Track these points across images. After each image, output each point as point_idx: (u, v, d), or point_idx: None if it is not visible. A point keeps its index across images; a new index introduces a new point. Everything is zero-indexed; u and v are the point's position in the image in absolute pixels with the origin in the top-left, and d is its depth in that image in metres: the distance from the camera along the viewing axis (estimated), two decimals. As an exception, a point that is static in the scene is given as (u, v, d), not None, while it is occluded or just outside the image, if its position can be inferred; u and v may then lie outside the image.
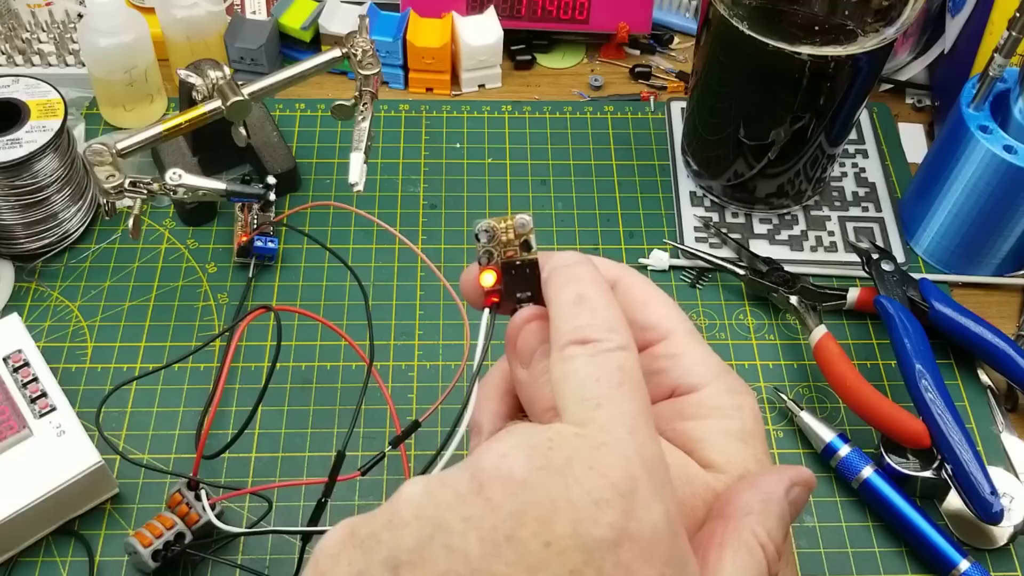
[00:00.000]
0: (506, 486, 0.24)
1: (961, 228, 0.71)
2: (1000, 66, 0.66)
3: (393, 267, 0.73)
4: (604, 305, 0.29)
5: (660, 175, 0.79)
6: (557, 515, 0.24)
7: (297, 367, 0.67)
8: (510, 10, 0.85)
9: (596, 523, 0.24)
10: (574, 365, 0.28)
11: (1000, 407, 0.67)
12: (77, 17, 0.84)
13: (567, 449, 0.25)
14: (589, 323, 0.29)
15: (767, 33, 0.64)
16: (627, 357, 0.28)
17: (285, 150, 0.76)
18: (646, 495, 0.25)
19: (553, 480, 0.24)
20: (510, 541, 0.23)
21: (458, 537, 0.24)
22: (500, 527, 0.24)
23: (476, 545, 0.24)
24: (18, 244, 0.70)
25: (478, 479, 0.25)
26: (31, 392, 0.59)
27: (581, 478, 0.24)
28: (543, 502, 0.24)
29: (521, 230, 0.32)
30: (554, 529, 0.24)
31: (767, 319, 0.71)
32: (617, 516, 0.24)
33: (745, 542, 0.27)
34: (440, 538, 0.24)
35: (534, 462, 0.25)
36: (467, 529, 0.24)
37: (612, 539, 0.24)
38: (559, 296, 0.30)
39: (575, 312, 0.29)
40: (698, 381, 0.32)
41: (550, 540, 0.23)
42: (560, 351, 0.29)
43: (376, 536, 0.25)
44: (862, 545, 0.61)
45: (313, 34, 0.84)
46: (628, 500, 0.24)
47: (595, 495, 0.24)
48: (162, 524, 0.56)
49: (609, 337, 0.28)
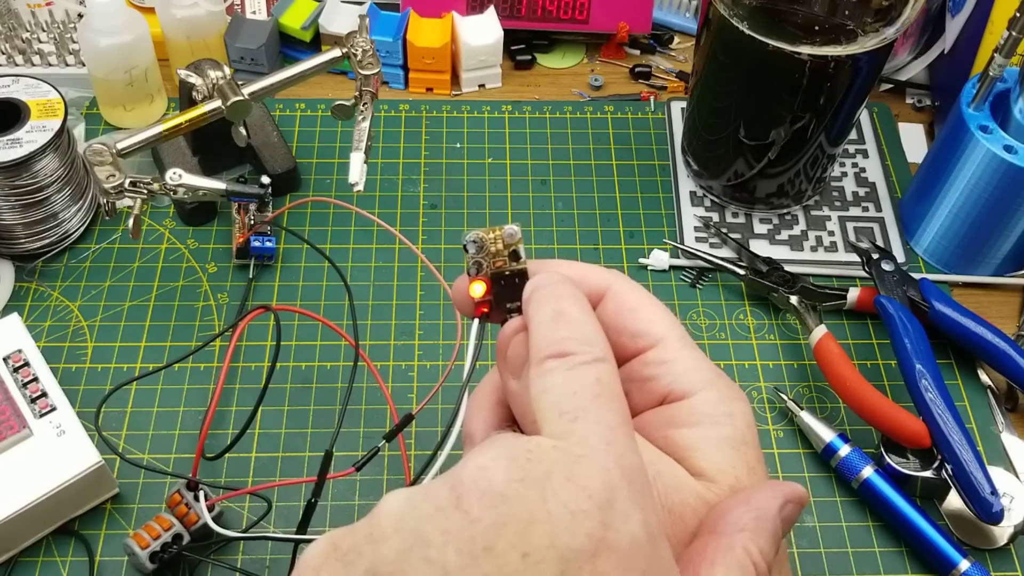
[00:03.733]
0: (484, 499, 0.24)
1: (961, 228, 0.71)
2: (1000, 66, 0.66)
3: (393, 267, 0.73)
4: (581, 320, 0.30)
5: (660, 175, 0.79)
6: (535, 527, 0.24)
7: (297, 367, 0.67)
8: (510, 10, 0.85)
9: (573, 534, 0.24)
10: (552, 379, 0.28)
11: (1000, 407, 0.67)
12: (77, 17, 0.84)
13: (546, 462, 0.25)
14: (567, 336, 0.29)
15: (767, 33, 0.64)
16: (605, 369, 0.28)
17: (285, 150, 0.76)
18: (625, 506, 0.25)
19: (531, 492, 0.24)
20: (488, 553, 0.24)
21: (436, 550, 0.24)
22: (478, 539, 0.24)
23: (454, 557, 0.24)
24: (18, 244, 0.70)
25: (457, 492, 0.25)
26: (31, 392, 0.59)
27: (559, 490, 0.25)
28: (521, 514, 0.24)
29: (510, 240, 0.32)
30: (531, 541, 0.24)
31: (767, 319, 0.71)
32: (594, 527, 0.24)
33: (737, 559, 0.27)
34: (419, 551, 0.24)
35: (513, 474, 0.25)
36: (446, 542, 0.24)
37: (590, 549, 0.24)
38: (538, 313, 0.30)
39: (553, 327, 0.29)
40: (689, 388, 0.32)
41: (527, 551, 0.24)
42: (538, 365, 0.29)
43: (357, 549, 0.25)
44: (862, 545, 0.61)
45: (313, 34, 0.84)
46: (606, 511, 0.24)
47: (572, 506, 0.24)
48: (160, 525, 0.56)
49: (586, 350, 0.28)
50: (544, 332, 0.29)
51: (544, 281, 0.31)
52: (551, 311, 0.30)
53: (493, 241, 0.33)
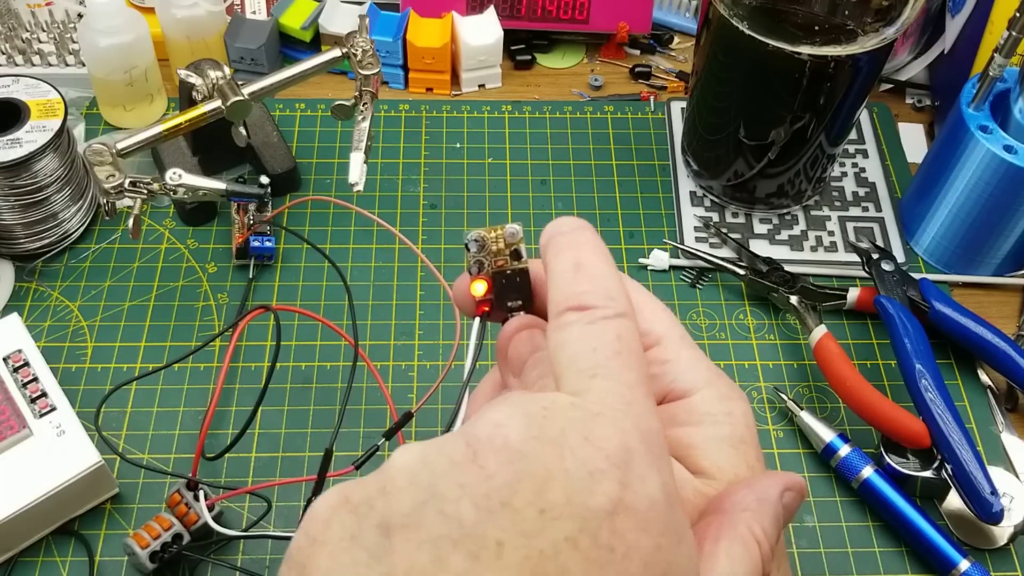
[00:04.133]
0: (501, 455, 0.24)
1: (961, 228, 0.71)
2: (1000, 66, 0.66)
3: (393, 267, 0.73)
4: (603, 272, 0.29)
5: (660, 175, 0.79)
6: (552, 484, 0.24)
7: (297, 367, 0.67)
8: (510, 10, 0.85)
9: (591, 493, 0.24)
10: (571, 333, 0.27)
11: (1000, 407, 0.67)
12: (77, 17, 0.84)
13: (562, 419, 0.25)
14: (587, 289, 0.28)
15: (767, 33, 0.64)
16: (626, 325, 0.28)
17: (285, 150, 0.76)
18: (642, 467, 0.25)
19: (548, 450, 0.24)
20: (505, 508, 0.23)
21: (452, 504, 0.24)
22: (494, 495, 0.24)
23: (471, 511, 0.23)
24: (18, 244, 0.70)
25: (473, 447, 0.25)
26: (31, 392, 0.59)
27: (576, 449, 0.24)
28: (538, 471, 0.24)
29: (511, 239, 0.32)
30: (548, 497, 0.23)
31: (767, 319, 0.71)
32: (612, 487, 0.24)
33: (740, 535, 0.27)
34: (434, 504, 0.24)
35: (529, 431, 0.24)
36: (461, 496, 0.24)
37: (607, 509, 0.23)
38: (556, 263, 0.29)
39: (573, 279, 0.29)
40: (689, 387, 0.32)
41: (545, 508, 0.23)
42: (557, 318, 0.28)
43: (369, 502, 0.25)
44: (862, 545, 0.61)
45: (313, 34, 0.84)
46: (623, 471, 0.24)
47: (590, 466, 0.24)
48: (160, 525, 0.56)
49: (608, 304, 0.28)
50: (564, 283, 0.29)
51: (562, 227, 0.30)
52: (572, 261, 0.29)
53: (494, 240, 0.33)
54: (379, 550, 0.24)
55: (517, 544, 0.23)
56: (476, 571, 0.23)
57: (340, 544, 0.24)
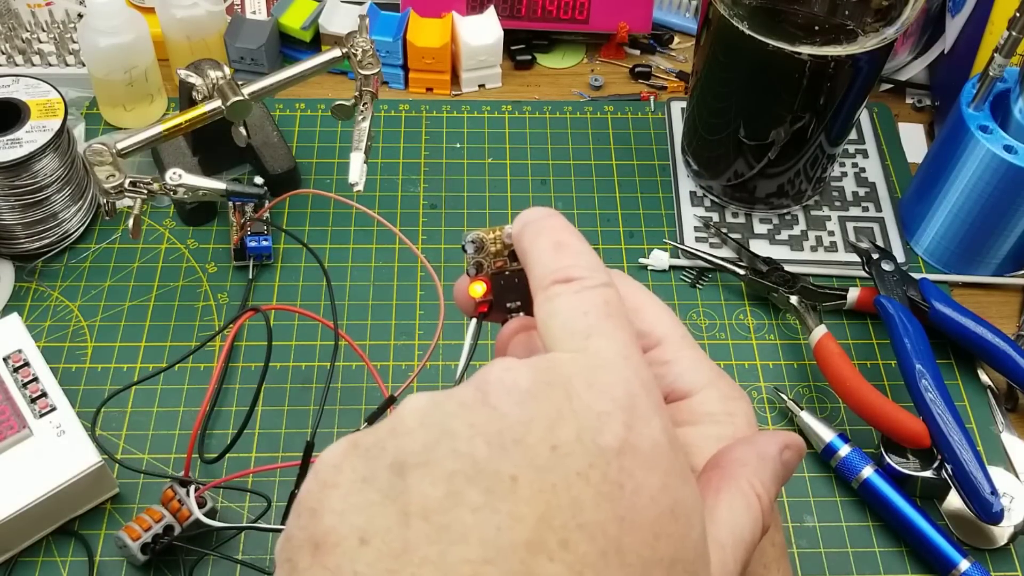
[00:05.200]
0: (512, 396, 0.25)
1: (961, 228, 0.71)
2: (1000, 66, 0.66)
3: (393, 267, 0.73)
4: (583, 250, 0.29)
5: (660, 175, 0.79)
6: (562, 423, 0.24)
7: (297, 367, 0.67)
8: (510, 10, 0.85)
9: (600, 431, 0.24)
10: (560, 302, 0.28)
11: (1000, 407, 0.67)
12: (77, 17, 0.84)
13: (566, 370, 0.25)
14: (571, 263, 0.29)
15: (767, 33, 0.64)
16: (612, 293, 0.28)
17: (285, 150, 0.76)
18: (646, 411, 0.25)
19: (556, 392, 0.25)
20: (518, 445, 0.24)
21: (464, 442, 0.24)
22: (506, 432, 0.24)
23: (483, 449, 0.24)
24: (18, 244, 0.70)
25: (483, 390, 0.25)
26: (31, 392, 0.59)
27: (582, 393, 0.25)
28: (548, 411, 0.24)
29: (510, 240, 0.32)
30: (559, 435, 0.24)
31: (767, 319, 0.71)
32: (619, 427, 0.24)
33: (740, 488, 0.28)
34: (447, 443, 0.24)
35: (538, 377, 0.25)
36: (473, 434, 0.24)
37: (615, 447, 0.24)
38: (535, 244, 0.30)
39: (556, 256, 0.29)
40: (691, 387, 0.32)
41: (556, 444, 0.24)
42: (544, 291, 0.28)
43: (380, 444, 0.25)
44: (862, 545, 0.61)
45: (313, 34, 0.84)
46: (628, 414, 0.25)
47: (597, 408, 0.25)
48: (151, 517, 0.56)
49: (592, 275, 0.28)
50: (546, 261, 0.29)
51: (533, 216, 0.31)
52: (551, 241, 0.29)
53: (493, 241, 0.33)
54: (393, 490, 0.24)
55: (531, 478, 0.23)
56: (492, 504, 0.23)
57: (352, 486, 0.24)
